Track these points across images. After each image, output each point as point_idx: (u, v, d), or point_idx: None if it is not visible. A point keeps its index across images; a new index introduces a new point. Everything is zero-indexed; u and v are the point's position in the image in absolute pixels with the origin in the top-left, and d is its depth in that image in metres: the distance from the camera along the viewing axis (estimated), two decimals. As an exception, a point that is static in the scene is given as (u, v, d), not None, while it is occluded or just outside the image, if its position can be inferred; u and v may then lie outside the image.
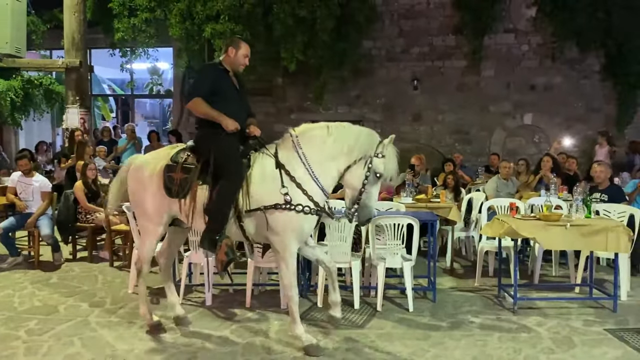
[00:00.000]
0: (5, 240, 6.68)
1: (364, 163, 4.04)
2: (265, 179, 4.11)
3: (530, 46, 12.16)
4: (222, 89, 4.29)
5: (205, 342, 4.35)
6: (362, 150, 4.06)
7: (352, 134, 4.13)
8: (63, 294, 5.60)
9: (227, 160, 4.14)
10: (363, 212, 4.07)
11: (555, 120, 12.13)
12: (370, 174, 4.02)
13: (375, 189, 4.11)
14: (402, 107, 12.65)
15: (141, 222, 4.59)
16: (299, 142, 4.14)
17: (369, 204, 4.07)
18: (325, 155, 4.11)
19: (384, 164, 4.04)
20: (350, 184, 4.11)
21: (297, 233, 4.08)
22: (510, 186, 7.63)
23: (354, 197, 4.08)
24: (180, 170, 4.24)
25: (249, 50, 4.42)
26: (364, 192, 4.03)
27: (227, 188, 4.09)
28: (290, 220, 4.03)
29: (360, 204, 4.06)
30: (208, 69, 4.45)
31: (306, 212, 4.03)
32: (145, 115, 19.02)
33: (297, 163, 4.10)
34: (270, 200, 4.04)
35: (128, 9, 11.12)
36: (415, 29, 12.46)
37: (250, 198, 4.08)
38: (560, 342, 4.40)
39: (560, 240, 5.08)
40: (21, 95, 9.76)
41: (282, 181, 4.05)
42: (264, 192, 4.07)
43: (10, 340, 4.36)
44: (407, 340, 4.40)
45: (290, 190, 4.03)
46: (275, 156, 4.15)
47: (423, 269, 6.08)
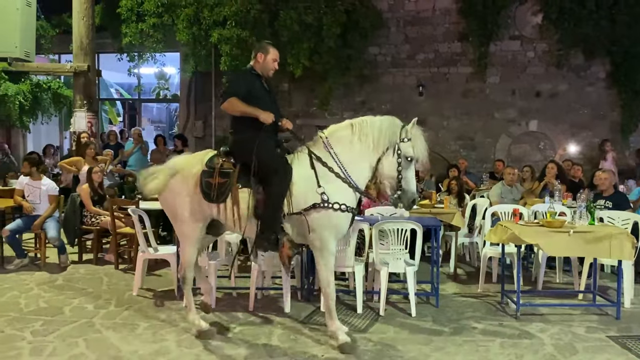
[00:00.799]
0: (12, 241, 6.75)
1: (393, 151, 4.22)
2: (301, 179, 4.21)
3: (536, 53, 12.16)
4: (257, 92, 4.39)
5: (209, 344, 4.37)
6: (387, 139, 4.23)
7: (374, 127, 4.26)
8: (68, 295, 5.65)
9: (272, 162, 4.22)
10: (406, 196, 4.25)
11: (560, 127, 12.12)
12: (401, 159, 4.20)
13: (411, 173, 4.28)
14: (407, 113, 12.43)
15: (179, 229, 4.57)
16: (330, 143, 4.28)
17: (409, 188, 4.24)
18: (355, 154, 4.26)
19: (412, 146, 4.21)
20: (385, 175, 4.29)
21: (335, 231, 4.22)
22: (515, 192, 7.63)
23: (393, 185, 4.27)
24: (218, 175, 4.28)
25: (277, 55, 4.51)
26: (402, 179, 4.20)
27: (276, 189, 4.17)
28: (329, 219, 4.16)
29: (402, 190, 4.23)
30: (242, 74, 4.57)
31: (343, 209, 4.17)
32: (152, 120, 19.13)
33: (332, 162, 4.24)
34: (307, 201, 4.16)
35: (136, 14, 11.21)
36: (420, 36, 12.49)
37: (292, 199, 4.18)
38: (563, 348, 4.40)
39: (564, 247, 5.10)
40: (30, 98, 9.87)
41: (318, 181, 4.17)
42: (302, 193, 4.18)
43: (16, 340, 4.41)
44: (409, 345, 4.42)
45: (326, 189, 4.15)
46: (310, 155, 4.27)
47: (427, 275, 6.09)
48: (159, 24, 11.14)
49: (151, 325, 4.79)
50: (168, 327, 4.74)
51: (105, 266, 6.86)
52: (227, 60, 10.75)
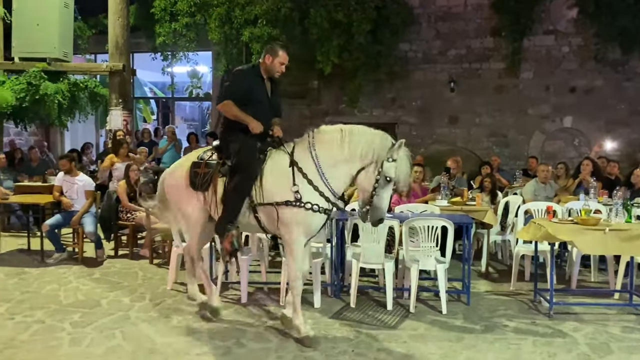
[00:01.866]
0: (51, 236, 6.97)
1: (375, 167, 4.15)
2: (278, 175, 4.33)
3: (571, 48, 11.90)
4: (254, 94, 4.51)
5: (241, 337, 4.46)
6: (374, 154, 4.17)
7: (365, 138, 4.23)
8: (105, 288, 5.82)
9: (244, 155, 4.40)
10: (374, 213, 4.19)
11: (596, 123, 11.83)
12: (380, 178, 4.13)
13: (386, 192, 4.22)
14: (438, 110, 12.56)
15: (182, 221, 4.87)
16: (314, 144, 4.32)
17: (380, 206, 4.18)
18: (337, 158, 4.26)
19: (395, 167, 4.13)
20: (362, 187, 4.27)
21: (304, 228, 4.30)
22: (549, 190, 7.50)
23: (365, 199, 4.23)
24: (205, 166, 4.59)
25: (286, 59, 4.57)
26: (374, 195, 4.15)
27: (241, 182, 4.36)
28: (299, 216, 4.24)
29: (371, 206, 4.18)
30: (243, 74, 4.62)
31: (314, 210, 4.22)
32: (184, 118, 19.45)
33: (310, 164, 4.28)
34: (282, 197, 4.26)
35: (169, 14, 11.40)
36: (452, 31, 12.36)
37: (263, 192, 4.33)
38: (597, 348, 4.33)
39: (599, 245, 4.99)
40: (68, 97, 10.11)
41: (294, 179, 4.25)
42: (276, 187, 4.30)
43: (57, 331, 4.57)
44: (439, 342, 4.41)
45: (301, 188, 4.22)
46: (291, 154, 4.35)
47: (458, 273, 6.05)
48: (191, 24, 11.31)
49: (185, 318, 4.90)
50: (201, 321, 4.83)
51: (140, 261, 7.03)
52: (258, 58, 10.82)
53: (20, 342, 4.32)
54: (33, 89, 9.79)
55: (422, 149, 12.22)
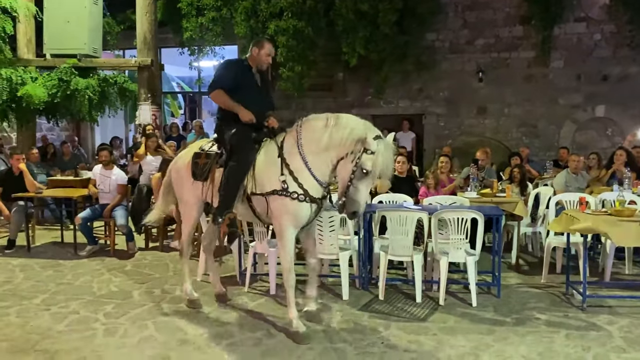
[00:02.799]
0: (84, 229, 7.12)
1: (353, 157, 4.04)
2: (268, 165, 4.38)
3: (603, 35, 11.61)
4: (243, 83, 4.60)
5: (270, 328, 4.49)
6: (353, 143, 4.05)
7: (346, 126, 4.13)
8: (137, 280, 5.92)
9: (237, 145, 4.47)
10: (349, 205, 4.08)
11: (629, 112, 11.53)
12: (357, 169, 4.02)
13: (364, 185, 4.07)
14: (466, 100, 12.41)
15: (182, 210, 5.06)
16: (300, 132, 4.32)
17: (356, 198, 4.05)
18: (319, 146, 4.21)
19: (372, 160, 3.99)
20: (340, 177, 4.19)
21: (292, 218, 4.28)
22: (581, 180, 7.35)
23: (342, 190, 4.13)
24: (204, 157, 4.71)
25: (272, 50, 4.70)
26: (350, 186, 4.05)
27: (234, 171, 4.44)
28: (286, 206, 4.24)
29: (346, 197, 4.08)
30: (231, 64, 4.80)
31: (300, 199, 4.21)
32: (211, 112, 19.58)
33: (295, 153, 4.29)
34: (270, 186, 4.30)
35: (195, 9, 11.51)
36: (480, 20, 12.18)
37: (255, 182, 4.39)
38: (633, 341, 4.23)
39: (634, 237, 4.86)
40: (98, 92, 10.29)
41: (282, 169, 4.27)
42: (266, 177, 4.35)
43: (91, 322, 4.67)
44: (470, 335, 4.37)
45: (287, 177, 4.25)
46: (281, 145, 4.38)
47: (487, 265, 5.98)
48: (217, 18, 11.39)
49: (214, 309, 4.96)
50: (231, 312, 4.89)
51: (171, 253, 7.13)
52: (284, 51, 10.86)
53: (57, 333, 4.44)
54: (64, 85, 9.99)
55: (449, 140, 12.10)
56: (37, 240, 7.74)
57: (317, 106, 12.08)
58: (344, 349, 4.11)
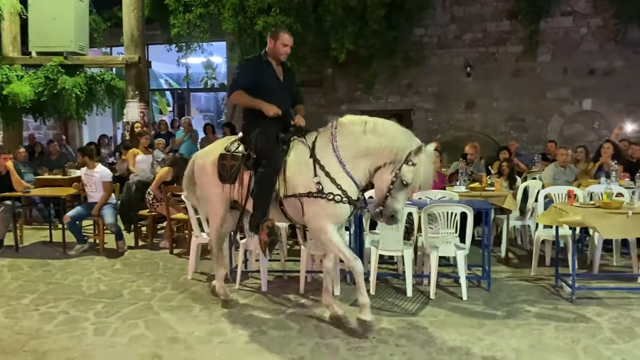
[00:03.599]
0: (72, 228, 7.06)
1: (393, 168, 3.98)
2: (300, 166, 4.26)
3: (590, 29, 11.69)
4: (264, 81, 4.46)
5: (262, 325, 4.48)
6: (393, 153, 3.98)
7: (387, 134, 4.05)
8: (127, 279, 5.89)
9: (265, 147, 4.36)
10: (386, 213, 4.07)
11: (616, 105, 11.63)
12: (396, 180, 3.97)
13: (402, 195, 4.05)
14: (454, 95, 12.44)
15: (208, 207, 4.96)
16: (336, 135, 4.21)
17: (394, 207, 4.04)
18: (357, 152, 4.13)
19: (413, 172, 3.93)
20: (377, 185, 4.15)
21: (331, 219, 4.18)
22: (568, 174, 7.41)
23: (379, 199, 4.11)
24: (231, 158, 4.59)
25: (289, 40, 4.50)
26: (389, 197, 4.02)
27: (264, 174, 4.32)
28: (323, 208, 4.16)
29: (385, 206, 4.05)
30: (249, 63, 4.65)
31: (337, 200, 4.11)
32: (200, 109, 19.54)
33: (331, 155, 4.18)
34: (304, 188, 4.19)
35: (183, 5, 11.42)
36: (468, 15, 12.21)
37: (286, 184, 4.28)
38: (622, 332, 4.28)
39: (621, 229, 4.91)
40: (85, 91, 10.20)
41: (315, 170, 4.16)
42: (298, 179, 4.24)
43: (81, 321, 4.64)
44: (461, 328, 4.40)
45: (322, 179, 4.14)
46: (312, 146, 4.26)
47: (477, 259, 6.01)
48: (205, 14, 11.32)
49: (206, 307, 4.94)
50: (222, 310, 4.87)
51: (161, 251, 7.10)
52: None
53: (46, 333, 4.40)
54: (51, 83, 9.89)
55: (438, 135, 12.12)
56: (25, 239, 7.67)
57: (307, 102, 11.96)
58: (336, 344, 4.12)
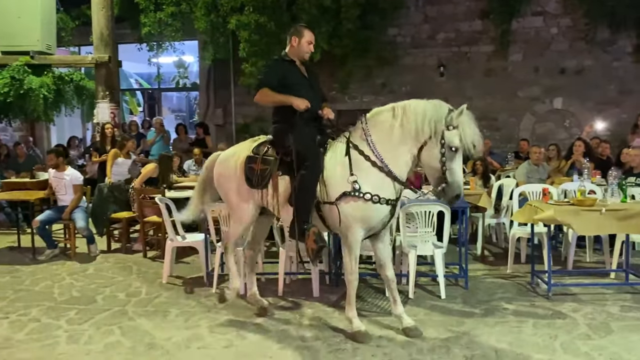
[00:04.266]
0: (42, 232, 6.87)
1: (437, 139, 3.87)
2: (335, 166, 4.11)
3: (560, 29, 11.87)
4: (291, 81, 4.31)
5: (241, 329, 4.41)
6: (432, 126, 3.87)
7: (417, 112, 3.94)
8: (100, 284, 5.74)
9: (306, 151, 4.16)
10: (450, 190, 3.88)
11: (586, 104, 11.85)
12: (445, 150, 3.84)
13: (456, 164, 3.88)
14: (428, 94, 12.13)
15: (230, 210, 4.75)
16: (368, 130, 4.08)
17: (455, 180, 3.86)
18: (394, 141, 4.01)
19: (459, 135, 3.83)
20: (428, 165, 3.98)
21: (363, 221, 4.03)
22: (541, 171, 7.52)
23: (437, 177, 3.93)
24: (261, 162, 4.33)
25: (312, 37, 4.40)
26: (446, 170, 3.86)
27: (307, 179, 4.12)
28: (357, 208, 3.99)
29: (447, 183, 3.87)
30: (274, 64, 4.46)
31: (375, 201, 3.97)
32: (172, 109, 19.24)
33: (368, 151, 4.04)
34: (340, 189, 4.04)
35: (154, 4, 11.22)
36: (440, 15, 12.28)
37: (326, 187, 4.09)
38: (597, 328, 4.34)
39: (595, 226, 4.99)
40: (53, 91, 9.93)
41: (351, 169, 4.02)
42: (335, 179, 4.08)
43: (53, 329, 4.49)
44: (440, 327, 4.40)
45: (359, 177, 4.00)
46: (348, 143, 4.13)
47: (453, 257, 6.05)
48: (177, 12, 11.15)
49: (183, 312, 4.85)
50: (200, 314, 4.79)
51: (134, 255, 6.95)
52: (246, 46, 10.71)
53: (17, 342, 4.25)
54: (17, 84, 9.59)
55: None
56: (-8, 245, 7.45)
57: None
58: (316, 346, 4.08)
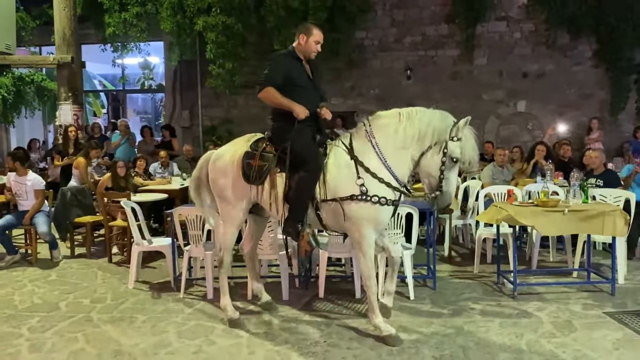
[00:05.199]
0: (2, 238, 6.65)
1: (439, 148, 3.98)
2: (340, 169, 4.13)
3: (523, 34, 12.17)
4: (294, 78, 4.28)
5: (209, 335, 4.36)
6: (435, 135, 3.98)
7: (423, 119, 4.04)
8: (63, 290, 5.59)
9: (305, 151, 4.16)
10: (443, 198, 4.03)
11: (548, 107, 12.17)
12: (446, 159, 3.96)
13: (454, 174, 4.06)
14: (395, 97, 12.58)
15: (223, 210, 4.59)
16: (372, 132, 4.13)
17: (449, 190, 4.02)
18: (397, 144, 4.08)
19: (461, 147, 3.96)
20: (426, 172, 4.08)
21: (373, 223, 4.09)
22: (506, 173, 7.67)
23: (433, 184, 4.05)
24: (259, 158, 4.30)
25: (321, 37, 4.35)
26: (443, 179, 3.98)
27: (306, 179, 4.13)
28: (367, 211, 4.04)
29: (441, 191, 4.00)
30: (280, 59, 4.40)
31: (382, 203, 4.03)
32: (137, 111, 18.92)
33: (371, 153, 4.10)
34: (346, 191, 4.06)
35: (119, 4, 11.04)
36: (407, 19, 12.44)
37: (326, 188, 4.11)
38: (561, 326, 4.44)
39: (559, 226, 5.12)
40: (13, 92, 9.67)
41: (358, 172, 4.06)
42: (339, 182, 4.09)
43: (13, 338, 4.35)
44: (410, 328, 4.43)
45: (366, 181, 4.04)
46: (350, 147, 4.16)
47: (421, 258, 6.11)
48: (142, 13, 10.99)
49: (150, 318, 4.76)
50: (167, 319, 4.70)
51: (99, 260, 6.79)
52: (213, 48, 10.63)
53: (-25, 352, 4.10)
54: (-26, 84, 9.31)
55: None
56: (-52, 252, 7.15)
57: (250, 104, 11.95)
58: (287, 350, 4.05)
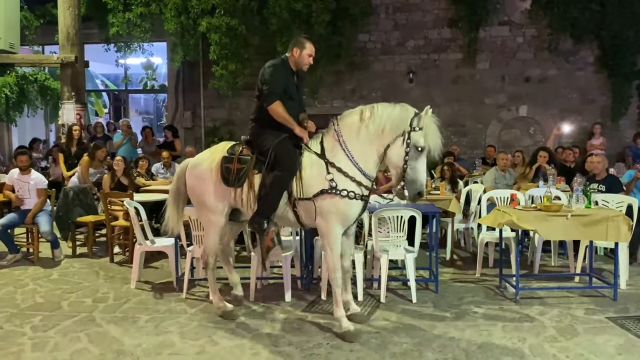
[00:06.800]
0: (4, 237, 6.66)
1: (402, 140, 4.12)
2: (312, 167, 4.31)
3: (525, 38, 12.18)
4: (288, 89, 4.49)
5: (212, 335, 4.36)
6: (396, 127, 4.14)
7: (383, 114, 4.20)
8: (65, 290, 5.59)
9: (284, 154, 4.34)
10: (411, 187, 4.15)
11: (550, 112, 12.18)
12: (410, 149, 4.10)
13: (421, 163, 4.15)
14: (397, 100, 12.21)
15: (204, 216, 4.77)
16: (340, 130, 4.31)
17: (415, 178, 4.13)
18: (362, 140, 4.25)
19: (423, 135, 4.10)
20: (392, 163, 4.23)
21: (341, 217, 4.24)
22: (508, 177, 7.68)
23: (398, 175, 4.21)
24: (237, 161, 4.48)
25: (313, 50, 4.58)
26: (407, 168, 4.11)
27: (281, 178, 4.30)
28: (335, 205, 4.20)
29: (406, 180, 4.14)
30: (280, 70, 4.51)
31: (351, 197, 4.19)
32: (139, 111, 18.94)
33: (339, 151, 4.28)
34: (317, 187, 4.24)
35: (123, 4, 11.04)
36: (410, 22, 12.45)
37: (303, 186, 4.29)
38: (564, 330, 4.45)
39: (561, 231, 5.13)
40: (16, 91, 9.67)
41: (327, 168, 4.25)
42: (311, 179, 4.28)
43: (17, 336, 4.35)
44: (412, 331, 4.44)
45: (335, 176, 4.21)
46: (321, 146, 4.34)
47: (423, 261, 6.11)
48: (146, 13, 10.99)
49: (152, 318, 4.76)
50: (169, 319, 4.71)
51: (101, 259, 6.80)
52: (216, 49, 10.64)
53: (-22, 350, 4.10)
54: (-23, 83, 9.32)
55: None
56: (-51, 250, 7.16)
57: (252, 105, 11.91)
58: (290, 352, 4.05)
